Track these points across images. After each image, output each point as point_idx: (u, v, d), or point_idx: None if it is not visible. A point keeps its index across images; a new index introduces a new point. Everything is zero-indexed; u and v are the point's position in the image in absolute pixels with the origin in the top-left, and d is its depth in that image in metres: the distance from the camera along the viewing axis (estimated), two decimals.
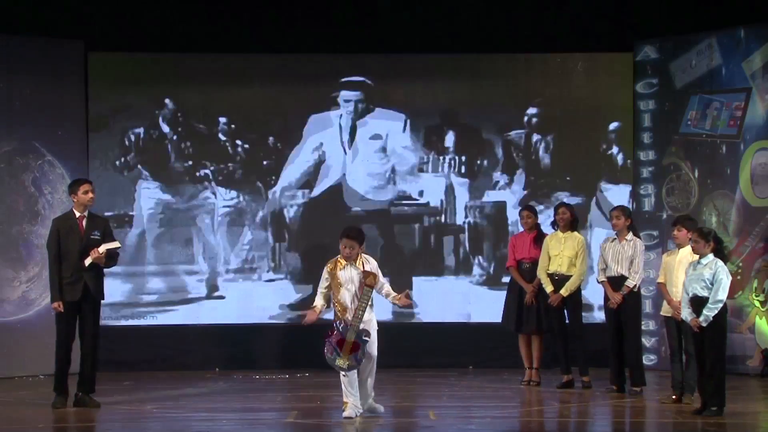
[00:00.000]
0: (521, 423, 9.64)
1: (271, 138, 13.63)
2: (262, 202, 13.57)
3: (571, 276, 11.26)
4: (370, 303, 9.28)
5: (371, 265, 9.36)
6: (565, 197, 13.39)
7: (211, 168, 13.54)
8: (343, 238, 9.36)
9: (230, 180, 13.55)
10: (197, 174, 13.52)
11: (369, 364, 9.29)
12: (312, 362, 12.84)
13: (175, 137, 13.54)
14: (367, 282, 9.20)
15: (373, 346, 9.32)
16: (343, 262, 9.35)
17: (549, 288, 11.32)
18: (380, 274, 9.41)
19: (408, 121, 13.61)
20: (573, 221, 11.45)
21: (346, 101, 13.61)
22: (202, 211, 13.52)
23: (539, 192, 13.55)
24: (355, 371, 9.22)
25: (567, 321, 11.39)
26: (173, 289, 13.44)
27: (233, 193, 13.55)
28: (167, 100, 13.52)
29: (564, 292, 11.26)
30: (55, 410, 9.89)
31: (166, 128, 13.53)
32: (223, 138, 13.58)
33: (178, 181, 13.51)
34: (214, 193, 13.54)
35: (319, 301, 9.46)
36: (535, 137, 13.66)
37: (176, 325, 13.38)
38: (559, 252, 11.32)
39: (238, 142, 13.59)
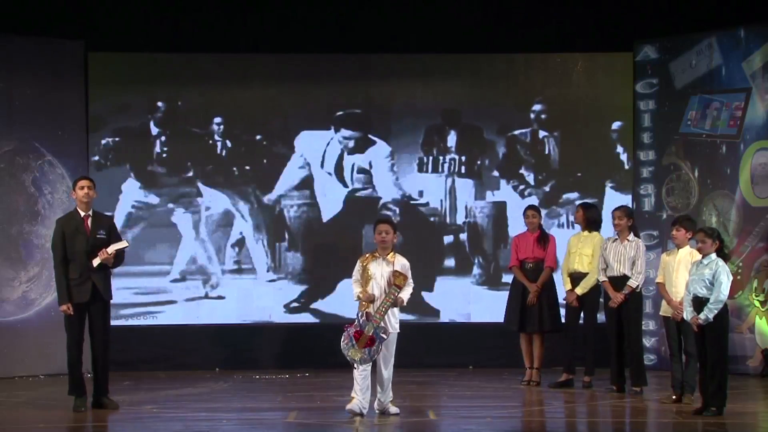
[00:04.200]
0: (521, 423, 9.63)
1: (270, 138, 13.63)
2: (262, 202, 13.57)
3: (587, 274, 11.27)
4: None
5: (402, 263, 9.39)
6: (565, 197, 13.43)
7: (212, 168, 13.54)
8: (378, 224, 9.44)
9: (231, 180, 13.55)
10: (197, 174, 13.52)
11: (386, 363, 9.31)
12: (312, 362, 12.88)
13: (175, 137, 13.54)
14: (396, 282, 9.23)
15: (391, 345, 9.34)
16: (376, 255, 9.37)
17: (567, 286, 11.36)
18: (410, 276, 9.44)
19: (398, 132, 13.63)
20: (589, 221, 11.44)
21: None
22: (202, 210, 13.52)
23: (539, 191, 13.55)
24: (369, 368, 9.27)
25: (581, 320, 11.41)
26: (173, 289, 13.44)
27: (233, 193, 13.54)
28: (167, 100, 13.52)
29: (579, 290, 11.28)
30: (77, 413, 9.71)
31: (166, 128, 13.53)
32: (223, 138, 13.58)
33: (179, 181, 13.51)
34: (214, 193, 13.54)
35: (358, 288, 9.41)
36: (535, 137, 13.67)
37: (176, 325, 13.38)
38: (577, 250, 11.35)
39: (239, 141, 13.59)
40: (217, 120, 13.57)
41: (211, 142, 13.57)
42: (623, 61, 13.61)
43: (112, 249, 9.82)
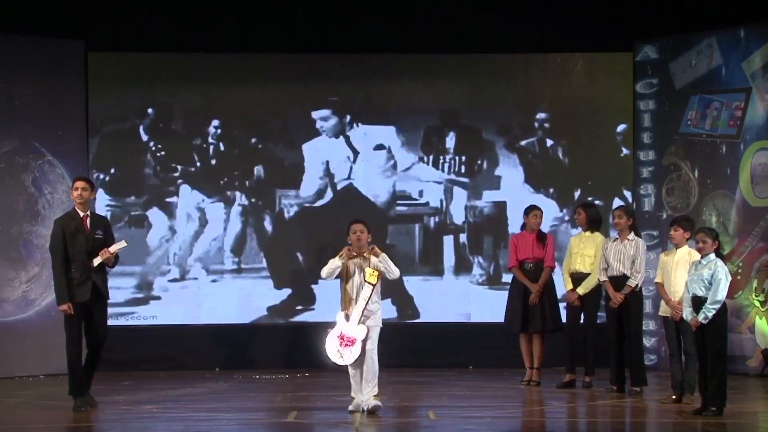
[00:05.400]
0: (521, 423, 9.63)
1: (271, 138, 13.64)
2: (262, 202, 13.57)
3: (589, 274, 11.26)
4: (378, 296, 9.39)
5: (375, 263, 9.39)
6: (565, 197, 13.44)
7: (211, 168, 13.54)
8: (352, 224, 9.55)
9: (230, 180, 13.55)
10: (197, 174, 13.53)
11: (370, 358, 9.30)
12: (312, 362, 12.86)
13: (175, 137, 13.54)
14: (367, 279, 9.26)
15: (372, 341, 9.34)
16: (354, 254, 9.41)
17: (568, 286, 11.35)
18: (390, 263, 9.44)
19: (398, 132, 13.63)
20: (591, 221, 11.42)
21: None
22: (201, 210, 13.52)
23: (539, 191, 13.54)
24: (358, 365, 9.30)
25: (582, 320, 11.40)
26: (173, 289, 13.44)
27: (233, 193, 13.55)
28: (167, 100, 13.52)
29: (580, 290, 11.26)
30: (77, 413, 9.69)
31: (165, 128, 13.53)
32: (222, 138, 13.58)
33: (178, 181, 13.51)
34: (214, 194, 13.54)
35: (335, 262, 9.46)
36: (535, 137, 13.67)
37: (176, 325, 13.38)
38: (579, 250, 11.34)
39: (238, 142, 13.59)
40: (217, 120, 13.57)
41: (210, 141, 13.57)
42: (623, 61, 13.61)
43: (114, 249, 9.85)
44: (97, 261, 9.80)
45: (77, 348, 9.85)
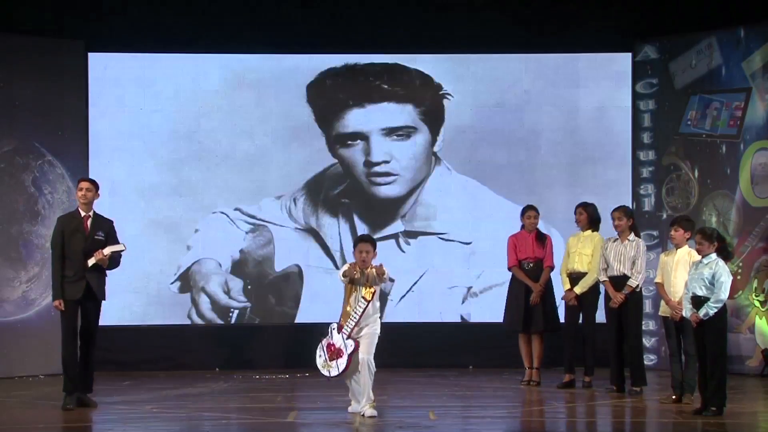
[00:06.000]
0: (521, 423, 9.64)
1: (270, 138, 13.63)
2: (261, 202, 13.57)
3: (587, 274, 11.26)
4: (376, 306, 9.31)
5: (374, 276, 9.32)
6: (565, 197, 13.43)
7: (210, 168, 13.54)
8: (359, 243, 9.37)
9: (230, 180, 13.55)
10: (197, 174, 13.52)
11: (365, 367, 9.26)
12: (312, 362, 12.82)
13: (174, 138, 13.53)
14: (364, 294, 9.20)
15: (369, 349, 9.28)
16: (356, 270, 9.32)
17: (566, 286, 11.34)
18: (387, 273, 9.30)
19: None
20: (591, 221, 11.43)
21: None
22: (201, 211, 13.52)
23: (539, 192, 13.53)
24: (351, 375, 9.27)
25: (580, 320, 11.40)
26: (173, 289, 13.43)
27: (233, 194, 13.54)
28: (167, 101, 13.52)
29: (578, 289, 11.27)
30: (66, 411, 9.76)
31: (165, 128, 13.53)
32: (222, 138, 13.58)
33: (178, 181, 13.51)
34: (213, 194, 13.54)
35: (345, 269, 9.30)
36: (535, 137, 13.67)
37: (176, 325, 13.38)
38: (577, 250, 11.34)
39: (238, 142, 13.58)
40: (218, 121, 13.57)
41: (210, 142, 13.57)
42: (623, 61, 13.61)
43: (108, 251, 9.95)
44: (91, 262, 9.91)
45: (72, 346, 9.96)
